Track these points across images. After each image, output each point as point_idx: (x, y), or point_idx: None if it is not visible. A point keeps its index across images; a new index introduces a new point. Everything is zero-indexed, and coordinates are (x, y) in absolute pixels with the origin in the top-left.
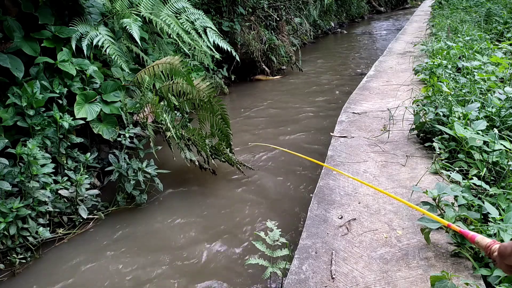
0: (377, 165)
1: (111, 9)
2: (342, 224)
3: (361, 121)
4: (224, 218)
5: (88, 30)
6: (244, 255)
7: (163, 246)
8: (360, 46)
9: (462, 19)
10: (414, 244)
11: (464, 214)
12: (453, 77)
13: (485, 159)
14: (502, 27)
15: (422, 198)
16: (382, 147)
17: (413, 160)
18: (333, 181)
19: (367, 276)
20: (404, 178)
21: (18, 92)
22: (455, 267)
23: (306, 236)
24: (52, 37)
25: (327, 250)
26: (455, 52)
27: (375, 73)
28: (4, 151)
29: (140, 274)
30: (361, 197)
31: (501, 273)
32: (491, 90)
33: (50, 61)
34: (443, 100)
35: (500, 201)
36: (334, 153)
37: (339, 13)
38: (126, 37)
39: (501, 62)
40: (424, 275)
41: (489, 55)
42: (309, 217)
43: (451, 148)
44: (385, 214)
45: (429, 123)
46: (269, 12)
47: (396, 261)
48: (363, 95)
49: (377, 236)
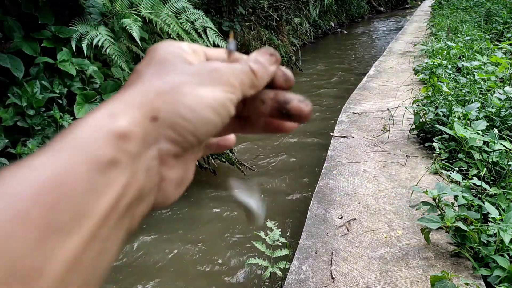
0: (377, 165)
1: (111, 9)
2: (342, 224)
3: (361, 121)
4: (223, 218)
5: (88, 30)
6: (244, 255)
7: (158, 245)
8: (360, 46)
9: (462, 19)
10: (414, 244)
11: (464, 214)
12: (453, 77)
13: (485, 159)
14: (502, 27)
15: (422, 198)
16: (382, 147)
17: (413, 160)
18: (333, 181)
19: (367, 276)
20: (404, 178)
21: (18, 92)
22: (455, 267)
23: (306, 236)
24: (52, 37)
25: (327, 250)
26: (455, 52)
27: (375, 73)
28: (4, 151)
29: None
30: (361, 197)
31: (501, 273)
32: (491, 90)
33: (50, 61)
34: (443, 100)
35: (500, 201)
36: (334, 153)
37: (339, 13)
38: (126, 37)
39: (501, 62)
40: (424, 275)
41: (489, 55)
42: (309, 217)
43: (451, 148)
44: (385, 214)
45: (429, 123)
46: (269, 12)
47: (396, 261)
48: (363, 95)
49: (377, 236)
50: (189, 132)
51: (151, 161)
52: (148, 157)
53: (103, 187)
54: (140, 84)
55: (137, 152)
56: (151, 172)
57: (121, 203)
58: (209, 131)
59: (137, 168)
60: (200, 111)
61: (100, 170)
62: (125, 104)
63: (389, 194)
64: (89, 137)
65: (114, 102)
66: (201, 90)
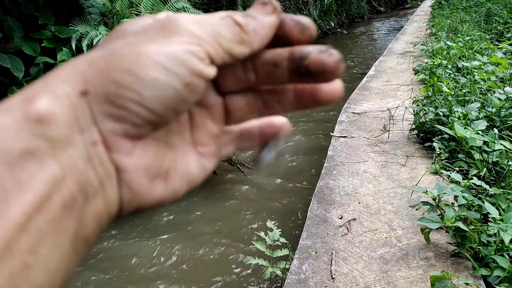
0: (377, 165)
1: (111, 9)
2: (342, 224)
3: (361, 121)
4: (223, 218)
5: (88, 30)
6: (243, 255)
7: (159, 243)
8: (360, 46)
9: (462, 19)
10: (414, 244)
11: (464, 214)
12: (453, 77)
13: (485, 159)
14: (502, 27)
15: (422, 198)
16: (382, 147)
17: (413, 160)
18: (333, 181)
19: (367, 276)
20: (404, 178)
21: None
22: (455, 267)
23: (306, 236)
24: (52, 37)
25: (327, 250)
26: (455, 52)
27: (375, 73)
28: None
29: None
30: (361, 197)
31: (501, 273)
32: (491, 90)
33: (50, 61)
34: (443, 100)
35: (500, 201)
36: (334, 153)
37: (339, 13)
38: None
39: (501, 62)
40: (424, 275)
41: (489, 55)
42: (309, 217)
43: (451, 148)
44: (385, 214)
45: (429, 123)
46: None
47: (396, 261)
48: (363, 95)
49: (377, 236)
50: (133, 102)
51: (91, 147)
52: (86, 142)
53: (16, 185)
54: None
55: (65, 137)
56: (95, 160)
57: (51, 202)
58: (165, 97)
59: (69, 157)
60: (141, 71)
61: (11, 164)
62: (45, 82)
63: (389, 194)
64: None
65: (36, 82)
66: (144, 46)
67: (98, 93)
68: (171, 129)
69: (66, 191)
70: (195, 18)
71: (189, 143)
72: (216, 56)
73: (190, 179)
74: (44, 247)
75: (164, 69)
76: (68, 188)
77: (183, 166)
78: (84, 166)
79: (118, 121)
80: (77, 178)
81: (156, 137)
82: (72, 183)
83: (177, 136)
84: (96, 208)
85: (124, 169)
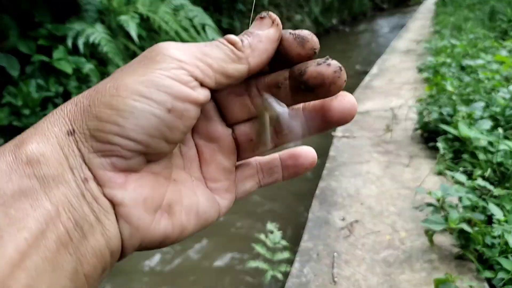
0: (380, 165)
1: (108, 6)
2: (344, 226)
3: (363, 120)
4: (223, 219)
5: (84, 27)
6: (244, 258)
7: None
8: (363, 43)
9: (465, 17)
10: (418, 247)
11: (468, 216)
12: (457, 76)
13: (490, 159)
14: (506, 25)
15: (426, 199)
16: (385, 147)
17: (417, 161)
18: (335, 182)
19: (370, 279)
20: (407, 179)
21: (13, 91)
22: (459, 270)
23: (307, 238)
24: (48, 35)
25: (329, 252)
26: (459, 50)
27: (377, 71)
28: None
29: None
30: (363, 199)
31: (505, 275)
32: (496, 89)
33: (46, 59)
34: (447, 99)
35: (505, 202)
36: (336, 153)
37: (341, 10)
38: (123, 34)
39: (506, 61)
40: (428, 278)
41: (493, 53)
42: (310, 219)
43: (455, 148)
44: (388, 216)
45: (433, 122)
46: (270, 9)
47: (400, 263)
48: (366, 94)
49: (380, 238)
50: (114, 134)
51: (83, 183)
52: (77, 178)
53: (10, 224)
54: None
55: (56, 175)
56: (89, 196)
57: (46, 239)
58: (147, 125)
59: (62, 194)
60: (119, 103)
61: (4, 204)
62: (35, 128)
63: (393, 195)
64: None
65: (28, 129)
66: (125, 79)
67: (83, 130)
68: (174, 163)
69: (61, 227)
70: (183, 44)
71: (197, 178)
72: (205, 78)
73: (200, 214)
74: (41, 284)
75: (143, 97)
76: (63, 224)
77: (190, 200)
78: (77, 202)
79: (105, 156)
80: (72, 214)
81: (153, 170)
82: (67, 219)
83: (182, 171)
84: (95, 243)
85: (120, 203)
